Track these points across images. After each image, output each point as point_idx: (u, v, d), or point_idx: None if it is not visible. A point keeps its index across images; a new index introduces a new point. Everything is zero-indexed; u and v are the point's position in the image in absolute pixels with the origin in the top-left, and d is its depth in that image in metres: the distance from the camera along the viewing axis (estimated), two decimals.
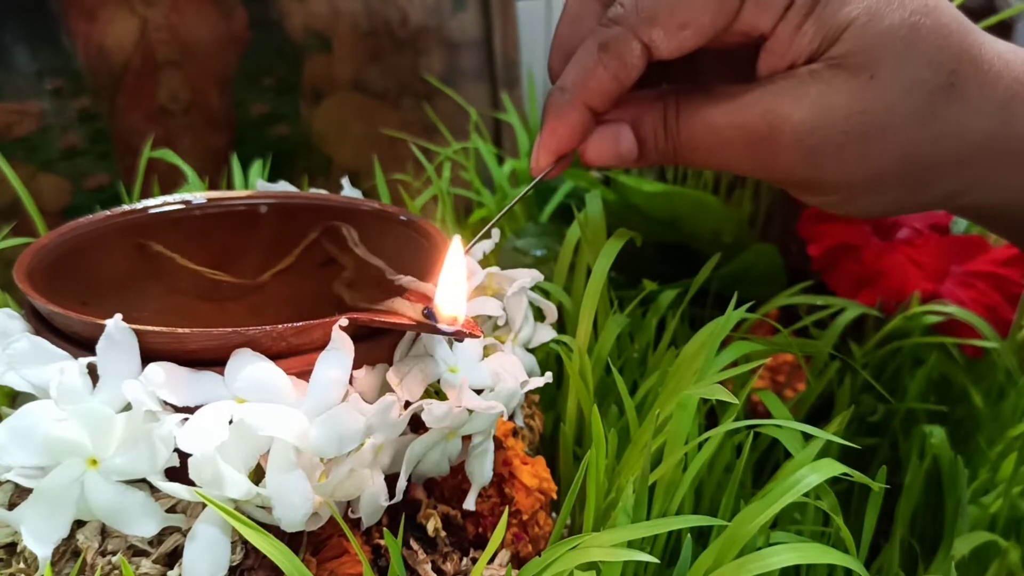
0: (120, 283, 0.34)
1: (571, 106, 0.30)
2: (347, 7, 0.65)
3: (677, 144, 0.30)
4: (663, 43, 0.28)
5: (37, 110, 0.53)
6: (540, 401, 0.37)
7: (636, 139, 0.31)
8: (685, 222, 0.46)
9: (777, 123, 0.28)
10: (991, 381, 0.44)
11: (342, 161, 0.67)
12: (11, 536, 0.25)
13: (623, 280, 0.48)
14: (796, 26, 0.28)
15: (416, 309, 0.26)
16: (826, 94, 0.28)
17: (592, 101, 0.30)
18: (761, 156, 0.29)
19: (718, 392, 0.27)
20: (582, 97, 0.30)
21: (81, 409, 0.23)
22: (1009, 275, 0.46)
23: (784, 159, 0.29)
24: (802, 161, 0.29)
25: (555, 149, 0.31)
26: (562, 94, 0.30)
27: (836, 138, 0.28)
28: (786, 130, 0.28)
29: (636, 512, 0.27)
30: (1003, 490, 0.38)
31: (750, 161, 0.30)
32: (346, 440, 0.24)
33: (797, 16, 0.27)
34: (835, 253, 0.46)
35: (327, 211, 0.37)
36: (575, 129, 0.30)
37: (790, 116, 0.28)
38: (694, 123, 0.30)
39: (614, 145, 0.31)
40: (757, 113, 0.28)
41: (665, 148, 0.31)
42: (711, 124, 0.29)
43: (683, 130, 0.30)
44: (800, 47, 0.28)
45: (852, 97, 0.28)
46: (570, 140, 0.30)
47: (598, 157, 0.31)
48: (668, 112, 0.30)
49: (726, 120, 0.29)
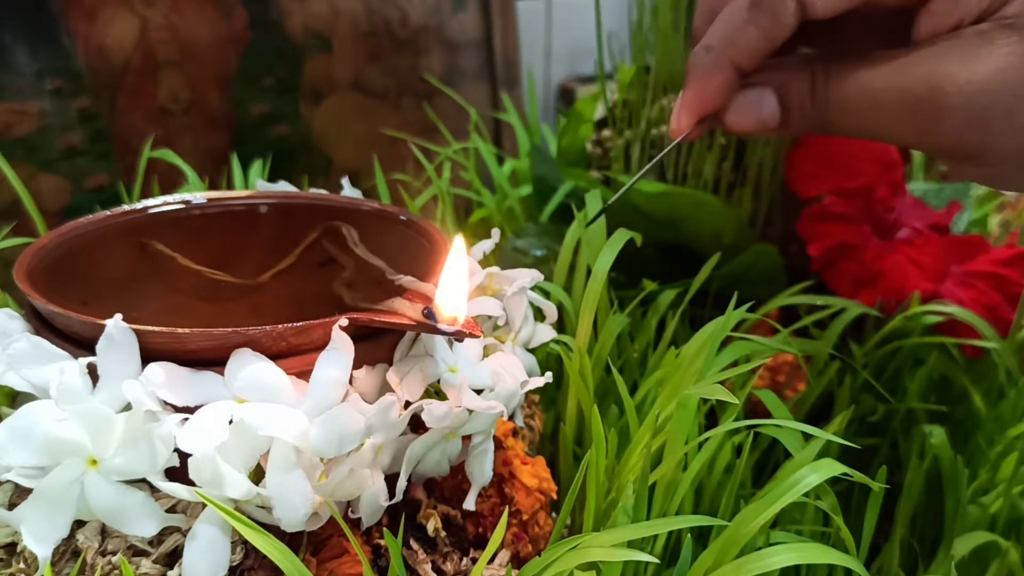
0: (120, 283, 0.34)
1: (716, 65, 0.29)
2: (347, 7, 0.65)
3: (826, 110, 0.29)
4: (819, 1, 0.27)
5: (37, 110, 0.53)
6: (540, 401, 0.37)
7: (781, 105, 0.30)
8: (685, 222, 0.46)
9: (942, 85, 0.26)
10: (991, 381, 0.44)
11: (342, 161, 0.67)
12: (11, 536, 0.25)
13: (623, 280, 0.48)
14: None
15: (416, 309, 0.26)
16: (996, 55, 0.26)
17: (740, 60, 0.29)
18: (923, 121, 0.27)
19: (718, 392, 0.27)
20: (729, 55, 0.29)
21: (81, 409, 0.23)
22: (1009, 275, 0.46)
23: (948, 124, 0.27)
24: (967, 126, 0.27)
25: (698, 109, 0.30)
26: (708, 52, 0.29)
27: (1007, 101, 0.26)
28: (952, 92, 0.26)
29: (636, 512, 0.27)
30: (1003, 490, 0.38)
31: (910, 126, 0.28)
32: (346, 440, 0.24)
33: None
34: (835, 253, 0.46)
35: (327, 211, 0.37)
36: (720, 89, 0.29)
37: (956, 77, 0.26)
38: (847, 87, 0.28)
39: (757, 110, 0.30)
40: (919, 74, 0.27)
41: (812, 114, 0.29)
42: (867, 87, 0.28)
43: (834, 94, 0.28)
44: (969, 5, 0.26)
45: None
46: (714, 100, 0.29)
47: (740, 123, 0.30)
48: (817, 77, 0.29)
49: (885, 82, 0.27)
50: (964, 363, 0.45)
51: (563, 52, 0.90)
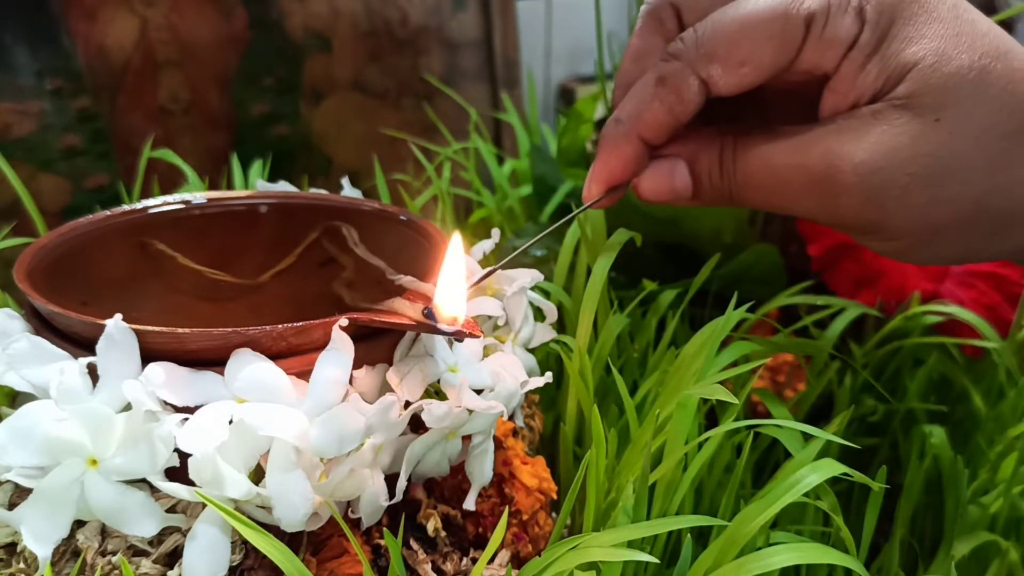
0: (120, 283, 0.34)
1: (625, 138, 0.29)
2: (347, 7, 0.65)
3: (733, 183, 0.30)
4: (721, 80, 0.28)
5: (37, 110, 0.53)
6: (540, 401, 0.37)
7: (691, 176, 0.30)
8: (685, 222, 0.46)
9: (838, 163, 0.27)
10: (991, 381, 0.44)
11: (342, 161, 0.67)
12: (11, 536, 0.25)
13: (623, 280, 0.48)
14: (860, 65, 0.27)
15: (416, 309, 0.26)
16: (889, 134, 0.27)
17: (647, 134, 0.29)
18: (821, 198, 0.28)
19: (718, 392, 0.27)
20: (637, 129, 0.29)
21: (81, 409, 0.23)
22: (1009, 275, 0.46)
23: (845, 201, 0.28)
24: (864, 204, 0.27)
25: (607, 180, 0.30)
26: (617, 126, 0.30)
27: (900, 180, 0.27)
28: (847, 170, 0.27)
29: (636, 512, 0.27)
30: (1003, 490, 0.38)
31: (810, 203, 0.29)
32: (346, 440, 0.24)
33: (861, 55, 0.27)
34: (835, 253, 0.46)
35: (327, 211, 0.37)
36: (628, 162, 0.30)
37: (851, 156, 0.27)
38: (752, 162, 0.29)
39: (669, 181, 0.30)
40: (817, 153, 0.27)
41: (720, 187, 0.30)
42: (769, 163, 0.29)
43: (740, 169, 0.29)
44: (863, 86, 0.27)
45: (916, 139, 0.27)
46: (622, 172, 0.30)
47: (652, 192, 0.30)
48: (725, 150, 0.29)
49: (785, 159, 0.28)
50: (964, 363, 0.45)
51: (563, 52, 0.90)
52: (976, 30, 0.27)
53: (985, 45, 0.27)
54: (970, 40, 0.26)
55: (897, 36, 0.26)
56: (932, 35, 0.26)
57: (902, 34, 0.26)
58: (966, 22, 0.27)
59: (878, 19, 0.26)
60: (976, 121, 0.27)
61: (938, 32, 0.26)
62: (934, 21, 0.26)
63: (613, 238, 0.34)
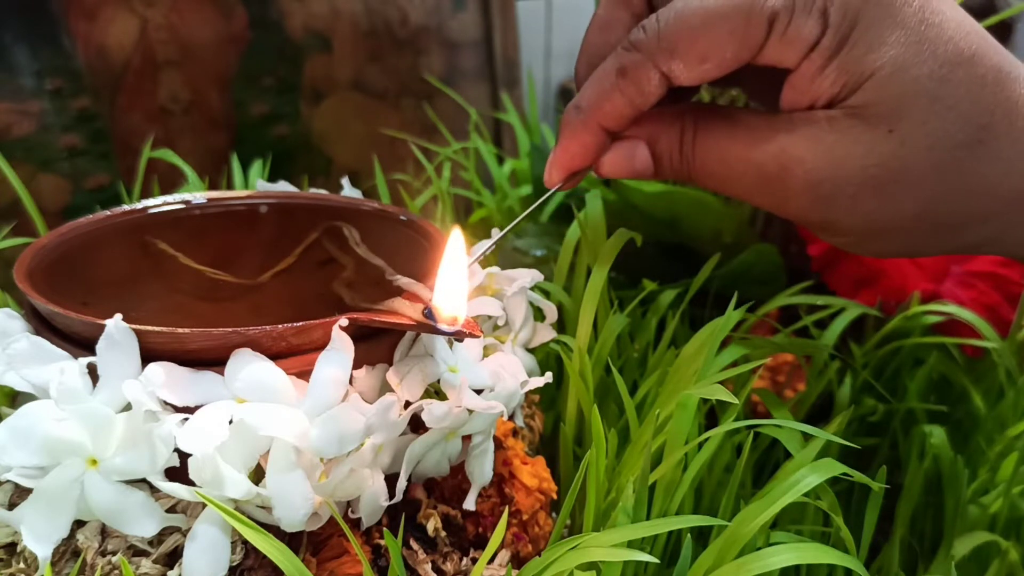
0: (120, 283, 0.34)
1: (584, 126, 0.30)
2: (347, 7, 0.65)
3: (691, 167, 0.30)
4: (683, 73, 0.28)
5: (37, 110, 0.53)
6: (540, 401, 0.37)
7: (652, 156, 0.30)
8: (685, 222, 0.46)
9: (790, 165, 0.28)
10: (991, 381, 0.44)
11: (342, 161, 0.67)
12: (11, 536, 0.25)
13: (623, 280, 0.48)
14: (819, 67, 0.27)
15: (416, 309, 0.26)
16: (841, 143, 0.27)
17: (606, 123, 0.30)
18: (773, 194, 0.29)
19: (718, 392, 0.27)
20: (596, 118, 0.29)
21: (81, 409, 0.23)
22: (1009, 275, 0.46)
23: (796, 202, 0.28)
24: (813, 206, 0.28)
25: (567, 166, 0.31)
26: (577, 113, 0.30)
27: (848, 188, 0.27)
28: (798, 174, 0.27)
29: (636, 512, 0.27)
30: (1003, 490, 0.38)
31: (763, 197, 0.29)
32: (346, 440, 0.24)
33: (821, 57, 0.27)
34: (835, 253, 0.46)
35: (327, 211, 0.37)
36: (588, 148, 0.30)
37: (803, 161, 0.27)
38: (709, 152, 0.29)
39: (629, 161, 0.31)
40: (771, 152, 0.28)
41: (680, 169, 0.30)
42: (725, 156, 0.29)
43: (698, 156, 0.30)
44: (821, 89, 0.27)
45: (868, 149, 0.27)
46: (583, 159, 0.30)
47: (613, 172, 0.31)
48: (685, 135, 0.30)
49: (739, 155, 0.29)
50: (964, 363, 0.45)
51: (563, 52, 0.90)
52: (941, 35, 0.26)
53: (948, 51, 0.26)
54: (932, 47, 0.26)
55: (858, 41, 0.26)
56: (893, 42, 0.26)
57: (863, 39, 0.26)
58: (931, 26, 0.26)
59: (840, 22, 0.26)
60: (929, 132, 0.26)
61: (899, 39, 0.26)
62: (897, 27, 0.26)
63: (613, 238, 0.34)
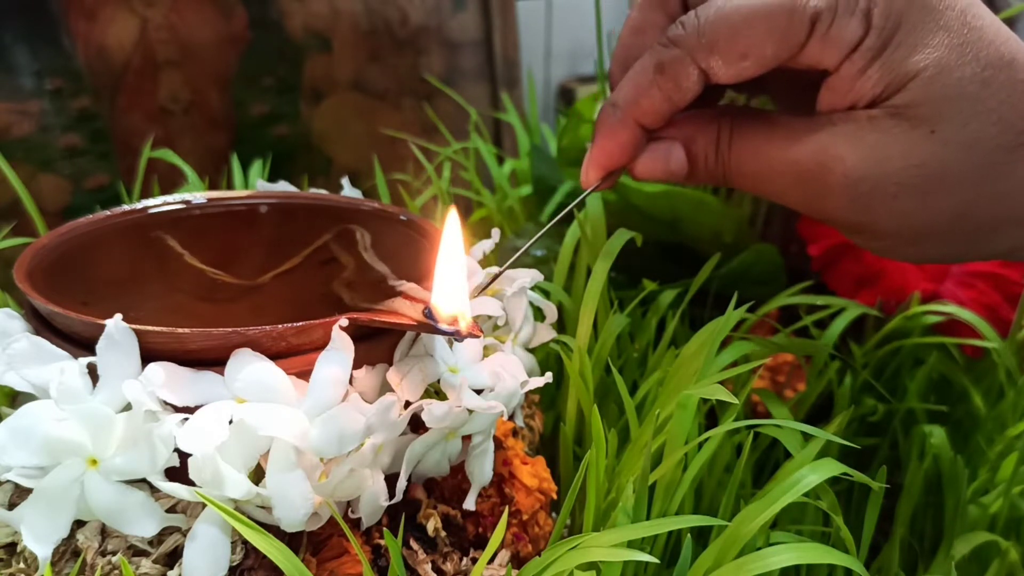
0: (120, 283, 0.34)
1: (622, 124, 0.30)
2: (347, 7, 0.65)
3: (727, 168, 0.30)
4: (721, 70, 0.28)
5: (37, 110, 0.53)
6: (540, 401, 0.37)
7: (687, 158, 0.30)
8: (685, 222, 0.46)
9: (829, 164, 0.27)
10: (991, 381, 0.44)
11: (342, 161, 0.67)
12: (11, 536, 0.25)
13: (623, 280, 0.48)
14: (861, 69, 0.27)
15: (416, 309, 0.26)
16: (883, 143, 0.27)
17: (644, 119, 0.29)
18: (810, 194, 0.28)
19: (718, 392, 0.27)
20: (633, 115, 0.29)
21: (81, 409, 0.23)
22: (1009, 275, 0.46)
23: (833, 201, 0.28)
24: (851, 205, 0.28)
25: (604, 165, 0.31)
26: (614, 111, 0.30)
27: (889, 188, 0.27)
28: (838, 173, 0.27)
29: (636, 512, 0.27)
30: (1003, 490, 0.38)
31: (800, 197, 0.29)
32: (346, 440, 0.24)
33: (863, 59, 0.27)
34: (835, 253, 0.46)
35: (327, 211, 0.37)
36: (625, 146, 0.30)
37: (843, 160, 0.27)
38: (746, 150, 0.29)
39: (665, 163, 0.30)
40: (810, 151, 0.28)
41: (715, 170, 0.30)
42: (762, 154, 0.29)
43: (734, 156, 0.30)
44: (863, 90, 0.27)
45: (909, 149, 0.27)
46: (620, 157, 0.30)
47: (648, 173, 0.31)
48: (721, 135, 0.30)
49: (778, 153, 0.28)
50: (964, 363, 0.45)
51: (563, 52, 0.90)
52: (983, 38, 0.26)
53: (990, 55, 0.26)
54: (975, 50, 0.26)
55: (902, 43, 0.26)
56: (936, 44, 0.26)
57: (907, 41, 0.26)
58: (973, 29, 0.26)
59: (884, 24, 0.26)
60: (970, 134, 0.26)
61: (943, 41, 0.26)
62: (940, 30, 0.26)
63: (613, 238, 0.34)
